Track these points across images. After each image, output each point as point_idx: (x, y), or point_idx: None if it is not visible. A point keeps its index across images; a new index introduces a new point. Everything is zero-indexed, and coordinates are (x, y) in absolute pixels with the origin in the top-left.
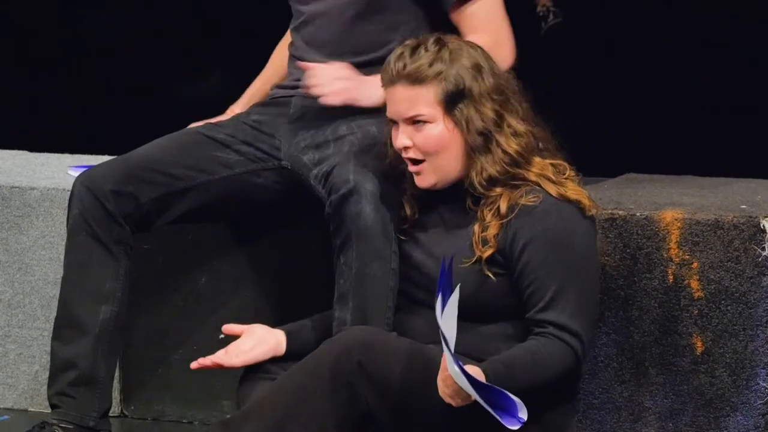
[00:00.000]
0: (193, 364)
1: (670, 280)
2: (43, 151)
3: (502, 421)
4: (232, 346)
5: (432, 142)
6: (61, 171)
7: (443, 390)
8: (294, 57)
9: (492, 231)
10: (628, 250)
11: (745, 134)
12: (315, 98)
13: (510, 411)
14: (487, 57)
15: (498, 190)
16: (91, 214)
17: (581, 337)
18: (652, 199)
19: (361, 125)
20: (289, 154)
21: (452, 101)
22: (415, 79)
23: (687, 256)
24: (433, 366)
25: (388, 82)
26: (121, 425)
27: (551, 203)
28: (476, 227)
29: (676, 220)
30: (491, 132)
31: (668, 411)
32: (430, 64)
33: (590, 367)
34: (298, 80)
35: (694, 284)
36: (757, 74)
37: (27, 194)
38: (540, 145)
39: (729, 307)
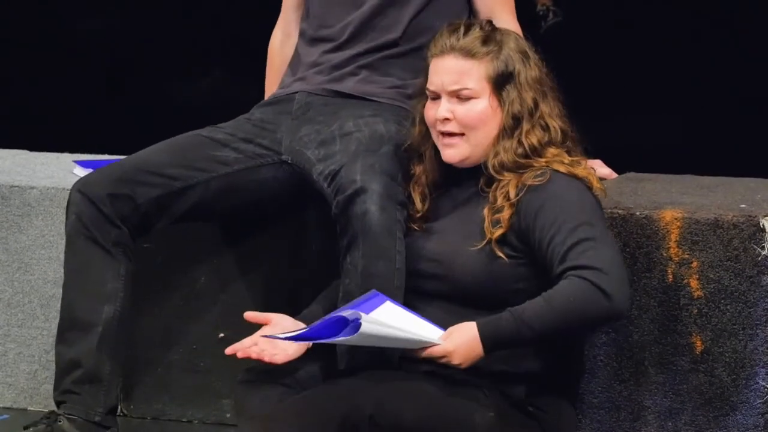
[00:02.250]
0: (229, 350)
1: (670, 280)
2: (43, 151)
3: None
4: (263, 339)
5: (474, 116)
6: (61, 170)
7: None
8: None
9: (504, 213)
10: (627, 249)
11: (744, 133)
12: (319, 94)
13: (349, 323)
14: (531, 48)
15: (507, 175)
16: (88, 218)
17: (600, 268)
18: (651, 199)
19: (368, 123)
20: (291, 148)
21: (501, 82)
22: (468, 52)
23: (686, 256)
24: (444, 405)
25: (438, 52)
26: (121, 424)
27: (559, 176)
28: (486, 210)
29: (675, 219)
30: (522, 119)
31: (668, 410)
32: (484, 42)
33: (590, 366)
34: (302, 78)
35: (694, 283)
36: (757, 74)
37: (26, 193)
38: (567, 143)
39: (728, 307)
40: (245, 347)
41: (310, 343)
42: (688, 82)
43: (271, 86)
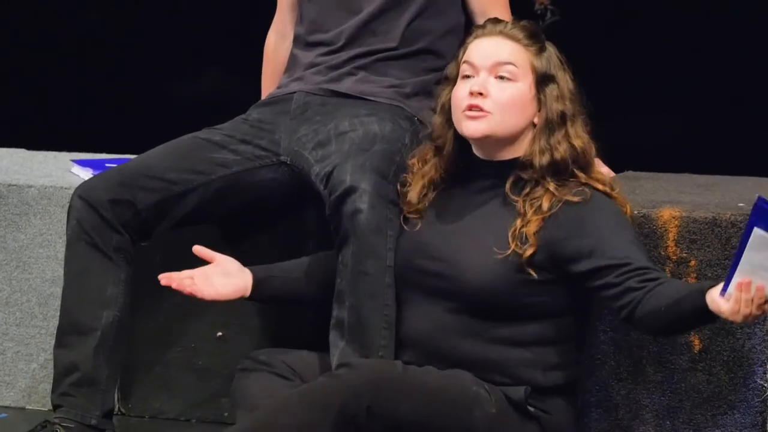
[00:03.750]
0: (163, 280)
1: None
2: (41, 149)
3: None
4: (200, 273)
5: (509, 96)
6: (59, 169)
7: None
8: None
9: (532, 227)
10: None
11: (742, 132)
12: (317, 94)
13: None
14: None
15: (548, 182)
16: (89, 223)
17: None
18: (649, 197)
19: (363, 122)
20: (290, 149)
21: (543, 79)
22: (518, 40)
23: (684, 254)
24: (443, 399)
25: (483, 34)
26: (119, 423)
27: (599, 195)
28: (518, 221)
29: (673, 218)
30: (565, 123)
31: (666, 409)
32: (530, 36)
33: (588, 365)
34: (300, 78)
35: (692, 282)
36: (756, 73)
37: (25, 192)
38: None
39: None
40: (180, 278)
41: (244, 288)
42: (686, 82)
43: (267, 87)
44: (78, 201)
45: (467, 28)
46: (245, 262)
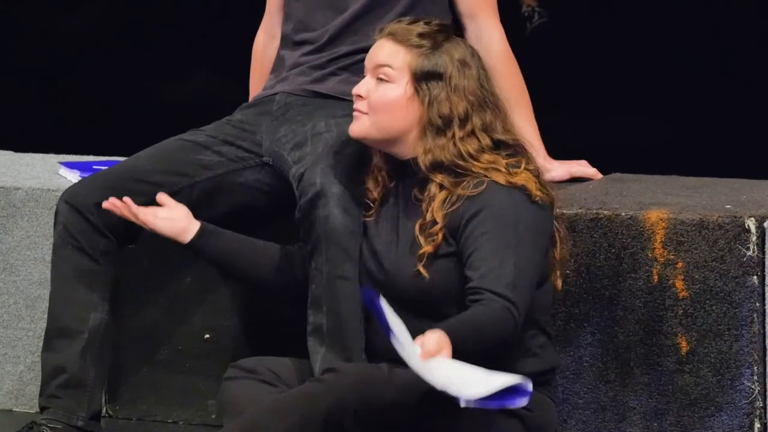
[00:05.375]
0: (106, 204)
1: (655, 280)
2: (28, 152)
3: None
4: (149, 209)
5: (383, 101)
6: (47, 171)
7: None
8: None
9: (435, 228)
10: (612, 250)
11: (729, 134)
12: (299, 95)
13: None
14: (483, 68)
15: (440, 177)
16: (76, 227)
17: (519, 309)
18: (637, 199)
19: (339, 123)
20: (271, 149)
21: (425, 77)
22: (400, 39)
23: (672, 256)
24: (429, 402)
25: (379, 36)
26: (106, 425)
27: (497, 188)
28: (417, 226)
29: (661, 219)
30: (452, 123)
31: (653, 411)
32: (421, 36)
33: (575, 367)
34: (284, 79)
35: (679, 284)
36: (743, 75)
37: (12, 194)
38: (507, 151)
39: (714, 307)
40: (120, 205)
41: (183, 231)
42: (674, 83)
43: (255, 88)
44: (64, 206)
45: (455, 29)
46: None
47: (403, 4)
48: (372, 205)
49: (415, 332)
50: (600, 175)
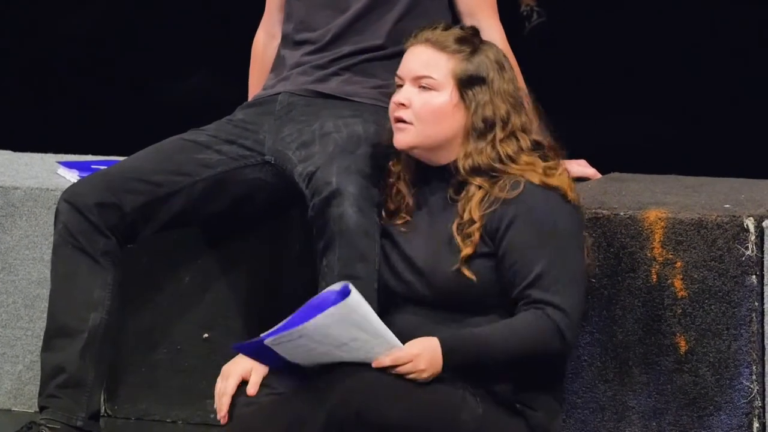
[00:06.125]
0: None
1: (654, 280)
2: (27, 151)
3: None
4: None
5: (429, 110)
6: (45, 171)
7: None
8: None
9: (472, 228)
10: (611, 250)
11: (728, 134)
12: (301, 95)
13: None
14: (513, 68)
15: (478, 180)
16: (76, 227)
17: (566, 312)
18: (635, 199)
19: (348, 123)
20: (274, 148)
21: (468, 82)
22: (440, 45)
23: (670, 256)
24: (431, 403)
25: (412, 42)
26: (105, 425)
27: (533, 189)
28: (455, 226)
29: (659, 219)
30: (495, 125)
31: (652, 410)
32: (458, 41)
33: (573, 366)
34: (286, 78)
35: (678, 284)
36: (741, 74)
37: (10, 194)
38: (543, 151)
39: (712, 307)
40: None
41: None
42: (673, 83)
43: (255, 87)
44: (64, 205)
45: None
46: (231, 263)
47: (404, 3)
48: (401, 212)
49: (430, 334)
50: (599, 175)
